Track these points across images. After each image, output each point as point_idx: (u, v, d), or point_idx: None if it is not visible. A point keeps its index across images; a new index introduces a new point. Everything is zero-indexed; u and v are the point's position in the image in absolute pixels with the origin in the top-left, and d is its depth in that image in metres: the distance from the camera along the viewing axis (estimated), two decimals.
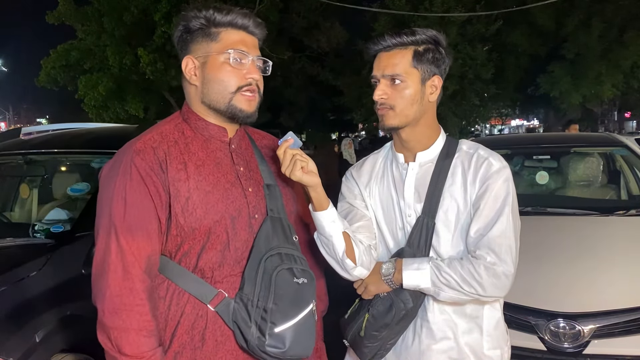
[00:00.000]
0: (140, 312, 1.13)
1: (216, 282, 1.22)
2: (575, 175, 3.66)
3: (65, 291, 2.08)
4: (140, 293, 1.14)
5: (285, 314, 1.19)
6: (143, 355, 1.13)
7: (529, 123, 41.98)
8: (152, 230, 1.17)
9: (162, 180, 1.18)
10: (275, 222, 1.28)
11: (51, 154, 2.98)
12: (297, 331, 1.20)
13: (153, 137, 1.24)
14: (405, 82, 1.34)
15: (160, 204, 1.18)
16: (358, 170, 1.55)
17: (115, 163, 1.21)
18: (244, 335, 1.19)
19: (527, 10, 14.25)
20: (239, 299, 1.21)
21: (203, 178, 1.22)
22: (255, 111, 1.28)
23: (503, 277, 1.28)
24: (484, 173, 1.35)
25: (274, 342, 1.17)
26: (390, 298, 1.37)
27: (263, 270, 1.20)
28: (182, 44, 1.27)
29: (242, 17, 1.25)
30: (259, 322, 1.18)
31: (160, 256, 1.22)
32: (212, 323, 1.22)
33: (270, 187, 1.32)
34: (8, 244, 2.32)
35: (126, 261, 1.14)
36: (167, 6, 14.22)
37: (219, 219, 1.21)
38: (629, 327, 2.17)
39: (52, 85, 17.14)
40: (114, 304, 1.13)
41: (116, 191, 1.17)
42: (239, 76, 1.24)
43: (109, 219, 1.16)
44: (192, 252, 1.21)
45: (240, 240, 1.24)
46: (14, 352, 1.77)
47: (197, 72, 1.25)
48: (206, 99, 1.26)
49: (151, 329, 1.15)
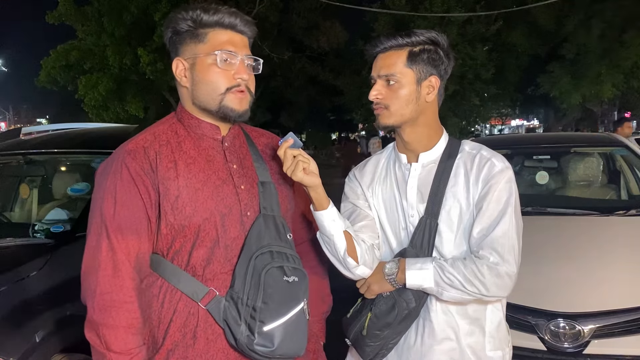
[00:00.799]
0: (129, 310, 1.14)
1: (207, 280, 1.22)
2: (575, 175, 3.66)
3: (65, 291, 2.08)
4: (130, 291, 1.15)
5: (275, 313, 1.18)
6: (131, 352, 1.14)
7: (529, 123, 41.99)
8: (142, 229, 1.18)
9: (151, 179, 1.19)
10: (268, 219, 1.27)
11: (51, 154, 2.97)
12: (287, 330, 1.19)
13: (145, 138, 1.24)
14: (399, 82, 1.35)
15: (150, 203, 1.18)
16: (361, 170, 1.55)
17: (108, 163, 1.23)
18: (234, 333, 1.19)
19: (527, 10, 14.27)
20: (229, 297, 1.20)
21: (193, 176, 1.22)
22: (246, 110, 1.27)
23: (506, 277, 1.29)
24: (486, 174, 1.36)
25: (263, 341, 1.17)
26: (393, 297, 1.37)
27: (253, 268, 1.20)
28: (172, 46, 1.27)
29: (229, 16, 1.23)
30: (248, 320, 1.18)
31: (153, 254, 1.23)
32: (203, 321, 1.22)
33: (264, 185, 1.31)
34: (8, 244, 2.31)
35: (116, 259, 1.15)
36: (167, 6, 14.23)
37: (208, 216, 1.21)
38: (629, 327, 2.17)
39: (52, 85, 17.16)
40: (104, 301, 1.14)
41: (107, 190, 1.18)
42: (227, 77, 1.23)
43: (100, 217, 1.17)
44: (183, 250, 1.21)
45: (230, 238, 1.24)
46: (14, 352, 1.77)
47: (187, 74, 1.25)
48: (197, 101, 1.26)
49: (138, 327, 1.16)
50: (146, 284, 1.22)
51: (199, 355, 1.22)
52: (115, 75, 15.86)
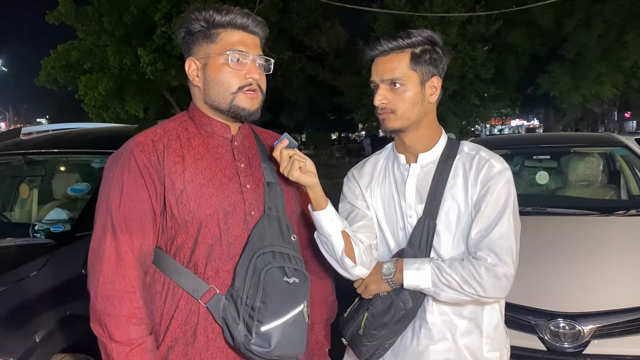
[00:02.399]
0: (131, 299, 1.14)
1: (209, 278, 1.22)
2: (575, 175, 3.66)
3: (65, 291, 2.08)
4: (132, 280, 1.15)
5: (273, 313, 1.18)
6: (132, 342, 1.14)
7: (529, 123, 42.01)
8: (147, 221, 1.19)
9: (158, 172, 1.20)
10: (272, 220, 1.27)
11: (51, 154, 2.98)
12: (285, 331, 1.18)
13: (155, 132, 1.26)
14: (405, 85, 1.34)
15: (155, 196, 1.19)
16: (359, 170, 1.55)
17: (117, 155, 1.24)
18: (232, 332, 1.19)
19: (527, 10, 14.27)
20: (229, 296, 1.21)
21: (199, 171, 1.23)
22: (257, 109, 1.29)
23: (503, 279, 1.29)
24: (485, 175, 1.36)
25: (260, 341, 1.16)
26: (390, 297, 1.37)
27: (253, 267, 1.20)
28: (185, 46, 1.29)
29: (241, 17, 1.25)
30: (246, 319, 1.18)
31: (156, 249, 1.23)
32: (203, 319, 1.22)
33: (270, 185, 1.32)
34: (8, 244, 2.31)
35: (120, 249, 1.16)
36: (167, 6, 14.23)
37: (211, 212, 1.22)
38: (629, 327, 2.17)
39: (52, 85, 17.17)
40: (107, 290, 1.14)
41: (114, 181, 1.19)
42: (239, 77, 1.24)
43: (106, 207, 1.18)
44: (185, 246, 1.22)
45: (233, 236, 1.24)
46: (14, 352, 1.77)
47: (199, 74, 1.27)
48: (209, 100, 1.27)
49: (141, 317, 1.16)
50: (150, 280, 1.23)
51: (198, 354, 1.22)
52: (115, 75, 15.86)
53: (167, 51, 14.62)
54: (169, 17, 14.14)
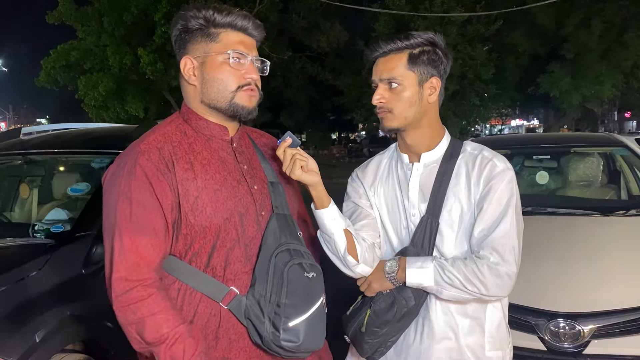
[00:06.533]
0: (150, 302, 1.13)
1: (228, 280, 1.23)
2: (575, 175, 3.66)
3: (65, 291, 2.08)
4: (149, 289, 1.14)
5: (298, 309, 1.21)
6: (165, 336, 1.12)
7: (529, 123, 42.02)
8: (159, 229, 1.17)
9: (169, 180, 1.19)
10: (281, 218, 1.30)
11: (51, 154, 2.98)
12: (310, 325, 1.22)
13: (157, 138, 1.24)
14: (402, 85, 1.36)
15: (166, 203, 1.18)
16: (363, 170, 1.57)
17: (119, 165, 1.22)
18: (258, 331, 1.20)
19: (527, 10, 14.27)
20: (250, 296, 1.22)
21: (210, 177, 1.24)
22: (255, 107, 1.30)
23: (506, 277, 1.30)
24: (488, 174, 1.37)
25: (289, 337, 1.19)
26: (392, 295, 1.37)
27: (274, 267, 1.22)
28: (180, 43, 1.28)
29: (242, 19, 1.26)
30: (272, 317, 1.20)
31: (169, 257, 1.22)
32: (225, 321, 1.23)
33: (273, 185, 1.34)
34: (8, 244, 2.31)
35: (132, 261, 1.14)
36: (167, 6, 14.22)
37: (228, 216, 1.23)
38: (629, 327, 2.17)
39: (52, 85, 17.15)
40: (120, 302, 1.14)
41: (121, 191, 1.17)
42: (238, 76, 1.25)
43: (114, 219, 1.16)
44: (202, 251, 1.22)
45: (249, 237, 1.26)
46: (14, 352, 1.77)
47: (196, 72, 1.26)
48: (206, 99, 1.27)
49: (165, 308, 1.13)
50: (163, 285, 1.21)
51: (222, 356, 1.23)
52: (115, 75, 15.84)
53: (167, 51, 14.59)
54: (169, 17, 14.11)
